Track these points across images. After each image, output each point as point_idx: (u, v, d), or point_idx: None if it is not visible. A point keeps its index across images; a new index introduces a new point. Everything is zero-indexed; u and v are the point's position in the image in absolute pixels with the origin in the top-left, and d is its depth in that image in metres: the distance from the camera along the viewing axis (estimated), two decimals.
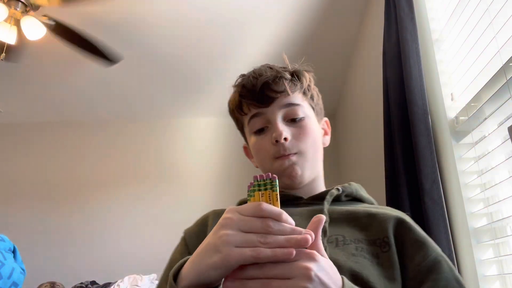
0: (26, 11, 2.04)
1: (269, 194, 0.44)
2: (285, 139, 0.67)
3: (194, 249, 0.46)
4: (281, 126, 0.68)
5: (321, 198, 0.68)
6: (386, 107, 1.51)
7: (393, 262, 0.56)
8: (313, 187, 0.73)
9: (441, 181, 1.18)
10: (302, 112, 0.70)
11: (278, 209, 0.42)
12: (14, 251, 1.15)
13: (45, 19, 2.03)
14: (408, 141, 1.31)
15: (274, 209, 0.42)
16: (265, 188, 0.44)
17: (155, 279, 2.21)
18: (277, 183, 0.44)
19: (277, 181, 0.44)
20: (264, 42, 2.53)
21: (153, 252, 2.94)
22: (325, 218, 0.47)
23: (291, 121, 0.70)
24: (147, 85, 2.97)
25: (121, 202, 3.14)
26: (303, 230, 0.42)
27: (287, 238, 0.40)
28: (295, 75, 0.73)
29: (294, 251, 0.39)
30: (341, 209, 0.65)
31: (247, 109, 0.72)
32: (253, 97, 0.70)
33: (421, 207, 1.16)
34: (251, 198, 0.44)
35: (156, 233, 3.02)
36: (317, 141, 0.72)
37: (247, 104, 0.72)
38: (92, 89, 2.98)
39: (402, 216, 0.63)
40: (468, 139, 1.20)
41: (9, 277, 1.04)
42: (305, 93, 0.73)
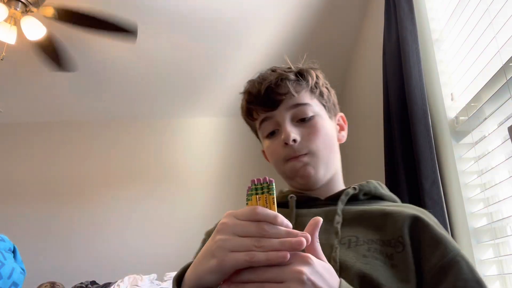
0: (26, 11, 2.04)
1: (266, 197, 0.44)
2: (294, 141, 0.66)
3: None
4: (289, 127, 0.67)
5: (337, 198, 0.67)
6: (386, 107, 1.51)
7: (408, 263, 0.54)
8: (331, 187, 0.72)
9: (441, 181, 1.18)
10: (311, 111, 0.69)
11: (273, 212, 0.42)
12: (14, 251, 1.15)
13: (50, 9, 2.01)
14: (408, 141, 1.31)
15: (269, 213, 0.42)
16: (262, 191, 0.44)
17: (155, 279, 2.21)
18: (274, 187, 0.45)
19: (274, 184, 0.45)
20: (264, 42, 2.53)
21: (153, 252, 2.94)
22: (322, 220, 0.46)
23: (301, 121, 0.69)
24: (147, 85, 2.97)
25: (121, 202, 3.14)
26: (299, 232, 0.42)
27: (282, 241, 0.40)
28: (300, 74, 0.72)
29: (288, 255, 0.39)
30: (356, 209, 0.64)
31: (256, 114, 0.72)
32: (259, 102, 0.70)
33: (421, 207, 1.16)
34: (248, 202, 0.45)
35: (156, 233, 3.02)
36: (330, 139, 0.71)
37: (255, 109, 0.72)
38: (92, 89, 2.98)
39: (418, 214, 0.61)
40: (468, 139, 1.20)
41: (9, 277, 1.04)
42: (312, 91, 0.72)
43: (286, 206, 0.69)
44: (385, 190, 0.74)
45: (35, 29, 2.03)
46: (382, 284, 0.51)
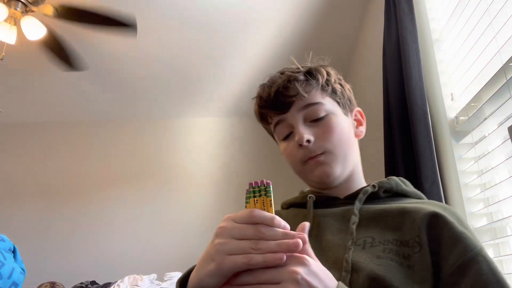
0: (26, 11, 2.04)
1: (263, 200, 0.45)
2: (308, 141, 0.66)
3: None
4: (302, 129, 0.67)
5: (355, 197, 0.66)
6: (386, 107, 1.51)
7: (425, 263, 0.52)
8: (350, 185, 0.71)
9: (441, 181, 1.18)
10: (323, 110, 0.69)
11: (270, 215, 0.43)
12: (14, 251, 1.14)
13: (50, 7, 2.00)
14: (408, 141, 1.31)
15: (266, 215, 0.43)
16: (259, 194, 0.45)
17: (155, 279, 2.21)
18: (271, 189, 0.45)
19: (271, 186, 0.45)
20: (264, 42, 2.53)
21: (153, 252, 2.94)
22: (309, 224, 0.46)
23: (314, 121, 0.68)
24: (147, 85, 2.97)
25: (120, 202, 3.14)
26: (296, 233, 0.42)
27: (278, 243, 0.41)
28: (309, 74, 0.71)
29: (284, 256, 0.40)
30: (376, 207, 0.63)
31: (269, 118, 0.73)
32: (270, 106, 0.71)
33: None
34: (247, 205, 0.46)
35: (156, 233, 3.02)
36: (346, 136, 0.70)
37: (268, 113, 0.72)
38: (92, 89, 2.98)
39: (439, 210, 0.57)
40: (468, 139, 1.20)
41: (9, 277, 1.04)
42: (324, 89, 0.71)
43: (306, 206, 0.69)
44: (409, 186, 0.72)
45: (35, 29, 2.03)
46: (394, 285, 0.50)
